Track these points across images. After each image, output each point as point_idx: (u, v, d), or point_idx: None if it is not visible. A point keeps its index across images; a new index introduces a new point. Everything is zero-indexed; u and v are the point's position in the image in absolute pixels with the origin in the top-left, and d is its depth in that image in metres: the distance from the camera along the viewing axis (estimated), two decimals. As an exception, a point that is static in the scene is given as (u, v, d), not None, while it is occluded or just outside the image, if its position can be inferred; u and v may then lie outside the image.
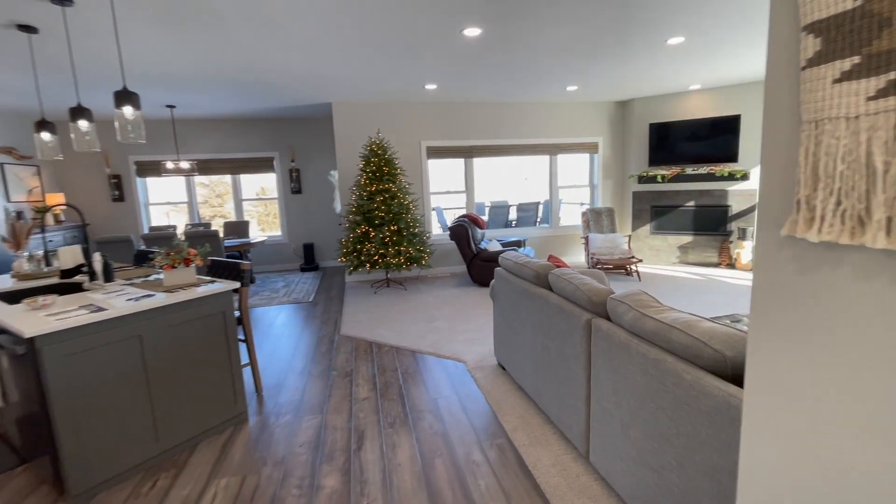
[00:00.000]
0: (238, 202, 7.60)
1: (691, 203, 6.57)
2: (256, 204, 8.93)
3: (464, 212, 6.94)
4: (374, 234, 5.41)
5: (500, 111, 6.69)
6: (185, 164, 6.16)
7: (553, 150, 6.99)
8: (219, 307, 2.50)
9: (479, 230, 6.10)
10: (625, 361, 1.72)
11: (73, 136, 2.86)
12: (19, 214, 5.71)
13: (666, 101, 6.58)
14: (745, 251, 6.11)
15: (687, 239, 6.66)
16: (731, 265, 6.34)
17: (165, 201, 7.48)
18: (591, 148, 7.12)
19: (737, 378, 1.35)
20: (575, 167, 8.25)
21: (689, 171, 6.39)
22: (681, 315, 1.60)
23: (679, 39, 3.95)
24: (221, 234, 6.93)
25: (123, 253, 5.24)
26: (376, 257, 5.41)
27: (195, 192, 7.43)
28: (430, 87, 5.45)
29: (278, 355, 3.72)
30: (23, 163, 6.10)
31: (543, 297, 2.41)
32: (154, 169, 7.02)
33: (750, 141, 6.07)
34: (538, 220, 8.79)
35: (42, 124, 3.20)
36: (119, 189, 7.00)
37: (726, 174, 6.08)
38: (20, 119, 6.07)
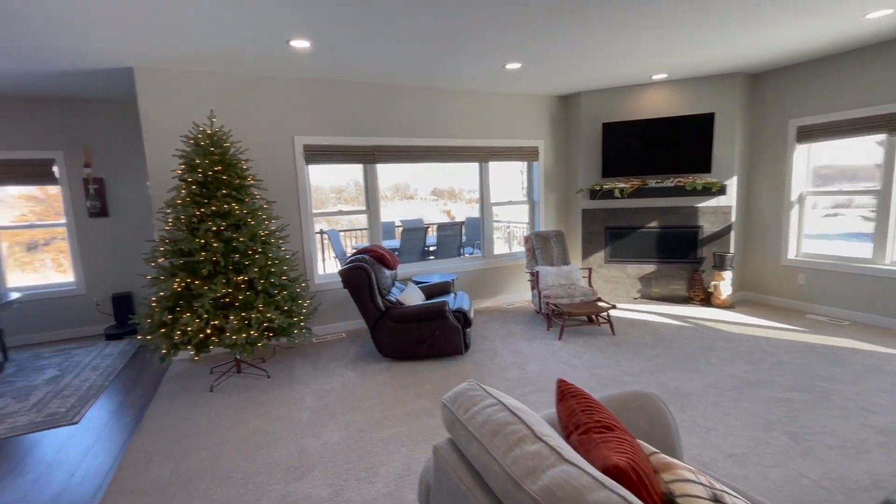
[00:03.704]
0: (-10, 232, 4.63)
1: (654, 224, 5.22)
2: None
3: (364, 241, 4.87)
4: (203, 290, 3.07)
5: (414, 99, 4.75)
6: None
7: (484, 155, 5.22)
8: None
9: (387, 271, 4.04)
10: None
11: None
12: None
13: (620, 96, 5.19)
14: (724, 283, 4.87)
15: (650, 268, 5.30)
16: (706, 300, 5.08)
17: None
18: (531, 154, 5.50)
19: None
20: (507, 178, 6.68)
21: (653, 183, 5.04)
22: None
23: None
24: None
25: None
26: (208, 332, 3.06)
27: None
28: (300, 44, 3.31)
29: None
30: None
31: None
32: None
33: (725, 146, 4.88)
34: (461, 245, 6.99)
35: None
36: None
37: (698, 187, 4.80)
38: None
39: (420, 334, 3.63)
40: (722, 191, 4.82)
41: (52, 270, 5.23)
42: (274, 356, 3.96)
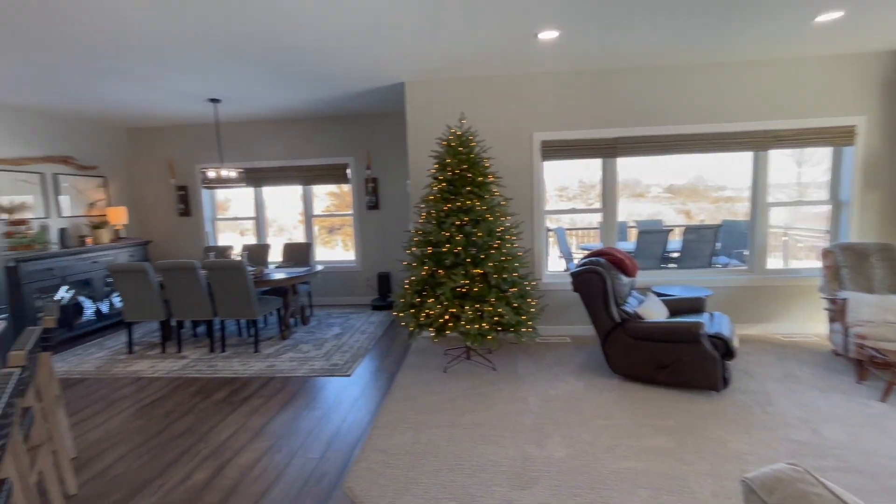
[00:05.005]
0: (308, 218, 6.27)
1: None
2: (330, 222, 7.56)
3: (586, 240, 4.49)
4: (445, 280, 3.34)
5: (667, 81, 4.09)
6: (229, 173, 4.91)
7: (764, 141, 4.10)
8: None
9: (624, 278, 3.60)
10: None
11: None
12: (62, 232, 5.03)
13: None
14: None
15: None
16: None
17: (233, 216, 6.50)
18: (842, 136, 4.03)
19: None
20: (783, 169, 5.22)
21: None
22: None
23: None
24: (281, 258, 5.61)
25: (188, 288, 4.14)
26: (447, 318, 3.32)
27: (264, 206, 6.30)
28: (548, 35, 3.20)
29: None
30: (85, 173, 5.51)
31: None
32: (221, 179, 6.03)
33: None
34: (713, 254, 5.77)
35: None
36: (185, 202, 6.18)
37: None
38: (79, 124, 5.49)
39: (661, 356, 3.08)
40: None
41: (342, 249, 6.74)
42: (499, 348, 4.06)
